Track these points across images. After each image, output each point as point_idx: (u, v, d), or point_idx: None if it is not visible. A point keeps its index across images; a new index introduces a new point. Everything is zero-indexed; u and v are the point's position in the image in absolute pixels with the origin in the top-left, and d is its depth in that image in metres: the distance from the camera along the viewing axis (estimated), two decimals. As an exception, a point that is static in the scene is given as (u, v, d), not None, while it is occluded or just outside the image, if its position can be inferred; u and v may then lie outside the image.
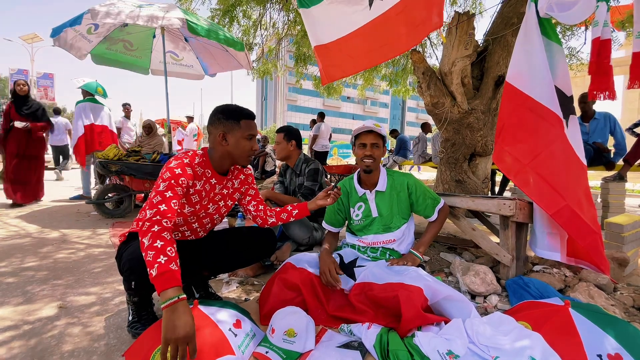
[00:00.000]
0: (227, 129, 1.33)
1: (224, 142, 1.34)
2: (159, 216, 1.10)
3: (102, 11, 3.15)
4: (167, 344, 0.93)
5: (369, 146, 1.64)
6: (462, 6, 5.46)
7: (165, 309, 0.96)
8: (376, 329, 1.24)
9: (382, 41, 2.35)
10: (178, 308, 0.96)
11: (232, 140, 1.33)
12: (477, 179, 3.35)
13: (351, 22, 2.44)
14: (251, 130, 1.36)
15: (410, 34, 2.21)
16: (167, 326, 0.94)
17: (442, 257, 2.27)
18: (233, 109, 1.35)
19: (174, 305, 0.96)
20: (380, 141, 1.65)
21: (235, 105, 1.37)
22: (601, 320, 1.13)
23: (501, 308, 1.56)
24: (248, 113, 1.37)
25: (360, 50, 2.47)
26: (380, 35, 2.34)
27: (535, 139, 1.74)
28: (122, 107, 6.46)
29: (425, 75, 3.26)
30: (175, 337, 0.92)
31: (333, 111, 58.06)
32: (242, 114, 1.35)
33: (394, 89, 7.20)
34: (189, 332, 0.95)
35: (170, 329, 0.93)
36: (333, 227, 1.82)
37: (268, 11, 5.19)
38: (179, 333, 0.93)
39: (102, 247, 2.61)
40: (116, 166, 3.52)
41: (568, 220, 1.61)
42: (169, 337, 0.93)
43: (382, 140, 1.66)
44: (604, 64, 1.69)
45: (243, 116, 1.34)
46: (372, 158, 1.64)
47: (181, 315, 0.95)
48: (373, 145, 1.64)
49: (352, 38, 2.47)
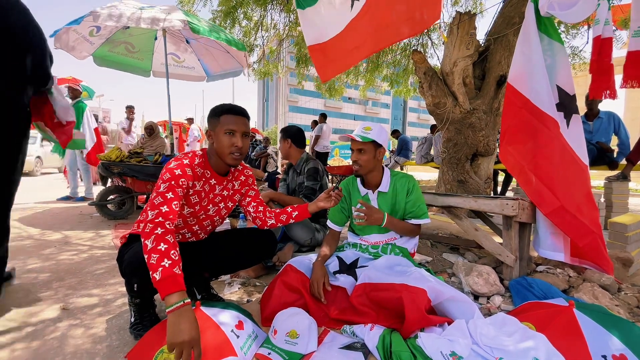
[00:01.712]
0: (212, 126, 1.33)
1: (211, 140, 1.34)
2: (161, 218, 1.10)
3: (104, 13, 3.16)
4: (172, 348, 0.93)
5: (355, 152, 1.65)
6: (464, 6, 5.45)
7: (170, 313, 0.96)
8: (379, 330, 1.23)
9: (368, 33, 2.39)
10: (183, 312, 0.96)
11: (215, 137, 1.31)
12: (479, 179, 3.34)
13: (341, 20, 2.50)
14: (229, 124, 1.28)
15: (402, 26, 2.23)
16: (173, 330, 0.94)
17: (444, 258, 2.26)
18: (218, 106, 1.33)
19: (179, 310, 0.96)
20: (366, 146, 1.63)
21: (224, 103, 1.34)
22: (606, 320, 1.12)
23: (504, 309, 1.55)
24: (229, 108, 1.30)
25: (352, 45, 2.52)
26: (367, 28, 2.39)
27: (533, 141, 1.79)
28: (126, 109, 6.48)
29: (427, 75, 3.25)
30: (180, 341, 0.93)
31: (334, 112, 58.09)
32: (223, 108, 1.30)
33: (395, 89, 7.19)
34: (194, 336, 0.95)
35: (175, 333, 0.93)
36: (337, 226, 1.81)
37: (269, 12, 5.20)
38: (184, 337, 0.93)
39: (104, 248, 2.61)
40: (118, 168, 3.53)
41: (563, 220, 1.63)
42: (174, 341, 0.93)
43: (371, 145, 1.63)
44: (604, 62, 1.70)
45: (224, 111, 1.30)
46: (358, 164, 1.65)
47: (186, 320, 0.96)
48: (359, 151, 1.64)
49: (344, 34, 2.52)
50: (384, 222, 1.59)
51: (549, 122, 1.73)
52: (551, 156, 1.72)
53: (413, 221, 1.69)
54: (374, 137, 1.62)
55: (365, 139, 1.61)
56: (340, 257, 1.68)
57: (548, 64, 1.78)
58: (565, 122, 1.77)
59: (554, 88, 1.78)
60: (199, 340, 0.97)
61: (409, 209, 1.69)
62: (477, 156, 3.35)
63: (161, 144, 5.07)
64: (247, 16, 5.18)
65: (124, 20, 3.16)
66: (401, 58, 6.32)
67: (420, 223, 1.69)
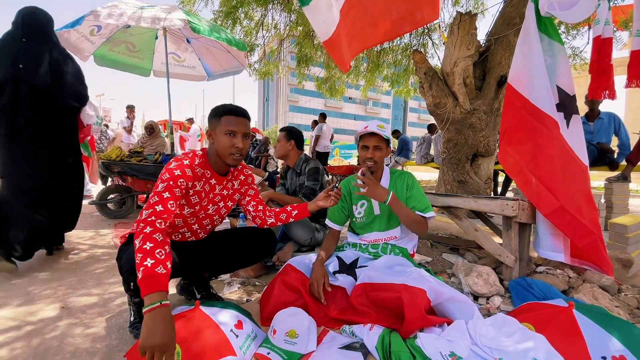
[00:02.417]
0: (212, 127, 1.33)
1: (212, 140, 1.34)
2: (153, 217, 1.09)
3: (105, 13, 3.16)
4: (144, 351, 0.87)
5: (372, 149, 1.63)
6: (464, 6, 5.45)
7: (146, 314, 0.91)
8: (378, 330, 1.23)
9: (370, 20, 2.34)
10: (158, 314, 0.91)
11: (215, 137, 1.32)
12: (480, 180, 3.33)
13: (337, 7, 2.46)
14: (230, 126, 1.29)
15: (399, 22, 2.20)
16: (144, 333, 0.88)
17: (444, 258, 2.26)
18: (219, 106, 1.34)
19: (155, 311, 0.91)
20: (383, 143, 1.63)
21: (225, 104, 1.35)
22: (605, 321, 1.12)
23: (504, 309, 1.55)
24: (231, 109, 1.31)
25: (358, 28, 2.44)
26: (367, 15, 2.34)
27: (532, 142, 1.79)
28: (126, 109, 6.48)
29: (427, 75, 3.25)
30: (151, 345, 0.87)
31: (335, 112, 58.05)
32: (224, 109, 1.31)
33: (395, 89, 7.19)
34: (165, 341, 0.88)
35: (146, 336, 0.88)
36: (336, 225, 1.81)
37: (270, 12, 5.19)
38: (154, 341, 0.87)
39: (104, 247, 2.62)
40: (119, 167, 3.54)
41: (563, 221, 1.63)
42: (145, 345, 0.87)
43: (385, 142, 1.64)
44: (604, 62, 1.70)
45: (225, 112, 1.30)
46: (374, 161, 1.63)
47: (160, 323, 0.90)
48: (375, 148, 1.62)
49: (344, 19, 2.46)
50: (389, 199, 1.52)
51: (548, 123, 1.73)
52: (551, 156, 1.72)
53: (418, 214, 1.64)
54: (389, 135, 1.64)
55: (385, 136, 1.61)
56: (340, 256, 1.68)
57: (548, 64, 1.78)
58: (565, 122, 1.77)
59: (554, 88, 1.78)
60: (171, 346, 0.90)
61: (412, 203, 1.64)
62: (478, 156, 3.35)
63: (161, 144, 5.07)
64: (248, 16, 5.18)
65: (124, 19, 3.16)
66: (402, 58, 6.31)
67: (425, 216, 1.61)
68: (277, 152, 2.50)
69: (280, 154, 2.49)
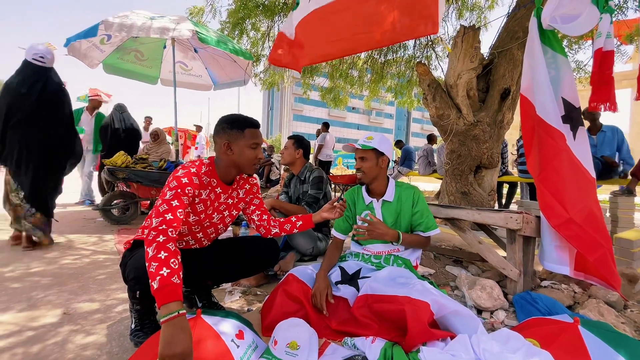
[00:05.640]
0: (231, 139, 1.34)
1: (229, 151, 1.34)
2: (164, 225, 1.10)
3: (116, 23, 3.24)
4: None
5: (358, 160, 1.71)
6: (468, 19, 5.52)
7: (164, 323, 0.93)
8: (380, 343, 1.22)
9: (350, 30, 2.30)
10: (177, 323, 0.93)
11: (236, 149, 1.34)
12: (483, 191, 3.32)
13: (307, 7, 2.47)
14: (255, 138, 1.36)
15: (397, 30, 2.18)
16: (165, 342, 0.90)
17: (447, 271, 2.24)
18: (237, 118, 1.36)
19: (174, 321, 0.93)
20: (367, 154, 1.68)
21: (239, 115, 1.38)
22: (612, 338, 1.10)
23: (508, 324, 1.53)
24: (252, 122, 1.37)
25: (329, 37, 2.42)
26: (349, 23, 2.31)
27: (540, 153, 1.78)
28: (144, 120, 6.54)
29: (431, 87, 3.28)
30: (171, 354, 0.89)
31: (338, 121, 58.41)
32: (246, 122, 1.35)
33: (399, 100, 7.25)
34: (185, 350, 0.91)
35: (167, 344, 0.90)
36: (341, 234, 1.81)
37: (276, 24, 5.29)
38: (175, 350, 0.89)
39: (107, 253, 2.62)
40: (123, 173, 3.57)
41: (572, 233, 1.61)
42: (165, 354, 0.89)
43: (372, 152, 1.67)
44: (605, 75, 1.71)
45: (247, 125, 1.35)
46: (361, 171, 1.70)
47: (179, 332, 0.92)
48: (361, 159, 1.70)
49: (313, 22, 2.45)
50: (400, 241, 1.63)
51: (555, 135, 1.73)
52: (559, 168, 1.70)
53: (422, 233, 1.71)
54: (374, 145, 1.66)
55: (365, 146, 1.67)
56: (342, 267, 1.67)
57: (552, 76, 1.80)
58: (572, 134, 1.77)
59: (559, 100, 1.79)
60: (191, 354, 0.92)
61: (418, 220, 1.70)
62: (481, 168, 3.35)
63: (166, 150, 5.11)
64: (254, 27, 5.28)
65: (134, 31, 3.24)
66: (405, 69, 6.38)
67: (430, 235, 1.71)
68: (284, 158, 2.55)
69: (286, 161, 2.53)
